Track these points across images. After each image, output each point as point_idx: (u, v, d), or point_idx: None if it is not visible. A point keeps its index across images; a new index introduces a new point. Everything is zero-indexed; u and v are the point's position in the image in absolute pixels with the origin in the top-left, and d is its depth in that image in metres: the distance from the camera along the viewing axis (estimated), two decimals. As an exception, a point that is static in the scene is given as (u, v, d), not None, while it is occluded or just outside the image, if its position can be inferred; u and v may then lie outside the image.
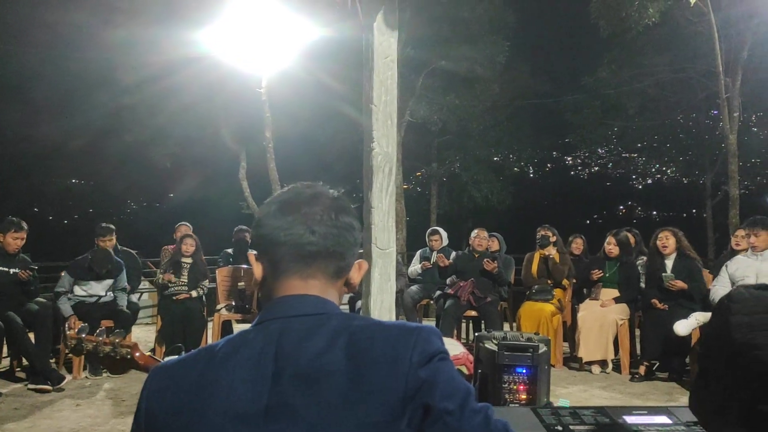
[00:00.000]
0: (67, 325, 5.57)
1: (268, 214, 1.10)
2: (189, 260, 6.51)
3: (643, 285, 6.14)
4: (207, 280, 6.68)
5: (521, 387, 3.19)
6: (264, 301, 1.11)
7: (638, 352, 6.10)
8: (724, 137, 12.66)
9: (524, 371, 3.20)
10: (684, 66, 14.70)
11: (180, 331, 6.11)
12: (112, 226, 6.42)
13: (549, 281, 6.56)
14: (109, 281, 6.00)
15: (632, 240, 6.50)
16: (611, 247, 6.21)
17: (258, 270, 1.12)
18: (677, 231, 5.91)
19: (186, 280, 6.44)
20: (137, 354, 1.87)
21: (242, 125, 13.83)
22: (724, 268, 5.42)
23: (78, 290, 5.91)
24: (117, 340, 1.89)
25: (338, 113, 12.56)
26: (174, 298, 6.28)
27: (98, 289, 5.95)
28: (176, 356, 1.10)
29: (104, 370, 5.63)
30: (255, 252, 1.13)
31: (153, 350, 6.23)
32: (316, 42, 9.35)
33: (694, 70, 14.56)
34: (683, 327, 5.17)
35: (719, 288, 5.29)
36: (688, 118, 18.59)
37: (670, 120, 17.79)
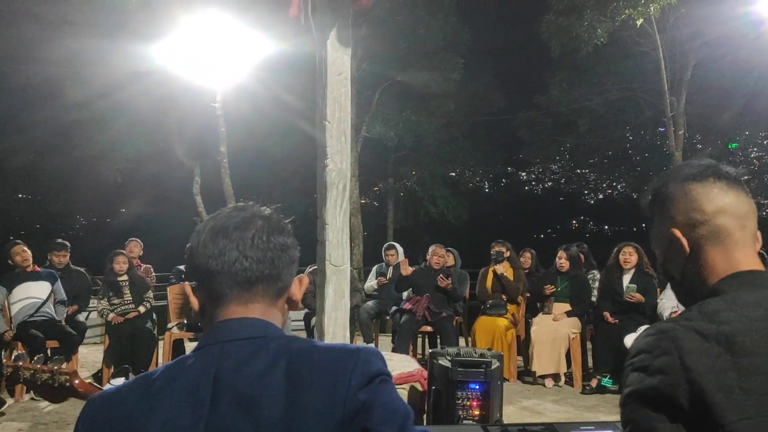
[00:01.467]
0: (3, 352, 5.33)
1: (199, 243, 1.06)
2: (125, 278, 6.27)
3: (594, 299, 6.28)
4: (150, 291, 6.49)
5: (474, 403, 3.20)
6: (205, 327, 1.09)
7: (590, 365, 6.21)
8: (670, 154, 13.08)
9: (477, 387, 3.21)
10: (632, 85, 15.15)
11: (129, 350, 5.91)
12: (67, 243, 6.26)
13: (503, 296, 6.63)
14: (46, 284, 5.75)
15: (581, 255, 6.65)
16: (562, 261, 6.33)
17: (194, 302, 1.10)
18: (639, 247, 6.02)
19: (130, 298, 6.23)
20: (76, 381, 1.79)
21: (196, 140, 13.61)
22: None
23: (18, 305, 5.60)
24: (56, 367, 1.80)
25: (294, 128, 12.48)
26: (123, 318, 6.09)
27: (37, 290, 5.66)
28: (114, 386, 1.06)
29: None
30: (191, 284, 1.10)
31: (101, 371, 6.04)
32: (271, 56, 9.31)
33: (642, 89, 15.00)
34: (633, 340, 5.28)
35: (666, 301, 5.45)
36: (637, 135, 19.14)
37: (619, 137, 18.29)
